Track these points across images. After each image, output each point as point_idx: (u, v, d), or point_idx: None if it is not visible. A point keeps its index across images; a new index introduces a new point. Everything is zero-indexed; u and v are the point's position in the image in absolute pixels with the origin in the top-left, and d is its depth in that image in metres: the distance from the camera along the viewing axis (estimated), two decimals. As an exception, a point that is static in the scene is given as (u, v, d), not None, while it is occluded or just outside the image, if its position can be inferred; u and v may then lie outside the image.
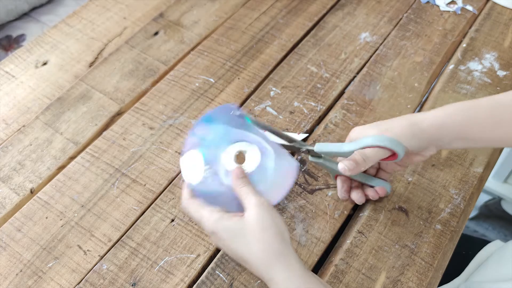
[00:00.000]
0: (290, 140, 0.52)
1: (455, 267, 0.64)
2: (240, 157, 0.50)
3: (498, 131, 0.47)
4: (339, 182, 0.53)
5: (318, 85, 0.67)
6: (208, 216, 0.44)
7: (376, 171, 0.54)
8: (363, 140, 0.47)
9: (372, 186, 0.53)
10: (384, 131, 0.47)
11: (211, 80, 0.68)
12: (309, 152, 0.51)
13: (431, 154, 0.50)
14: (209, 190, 0.47)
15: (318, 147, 0.49)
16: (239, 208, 0.46)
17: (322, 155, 0.51)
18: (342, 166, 0.47)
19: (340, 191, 0.53)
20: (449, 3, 0.78)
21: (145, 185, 0.57)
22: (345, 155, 0.48)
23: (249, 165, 0.49)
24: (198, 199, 0.46)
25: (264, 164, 0.49)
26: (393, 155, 0.47)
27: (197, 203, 0.46)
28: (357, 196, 0.52)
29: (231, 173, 0.47)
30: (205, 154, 0.48)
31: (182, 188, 0.48)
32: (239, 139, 0.50)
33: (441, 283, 0.62)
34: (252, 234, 0.42)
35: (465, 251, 0.66)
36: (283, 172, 0.48)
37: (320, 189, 0.56)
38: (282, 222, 0.44)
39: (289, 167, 0.48)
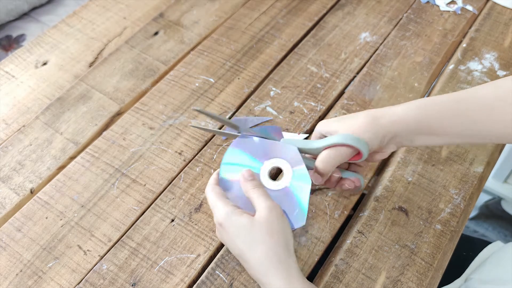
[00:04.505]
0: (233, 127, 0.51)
1: (456, 269, 0.64)
2: (273, 173, 0.51)
3: (458, 125, 0.45)
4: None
5: (318, 85, 0.67)
6: (221, 207, 0.45)
7: (348, 165, 0.53)
8: (329, 138, 0.47)
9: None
10: (348, 127, 0.46)
11: (211, 80, 0.68)
12: None
13: (391, 152, 0.50)
14: (234, 191, 0.49)
15: (285, 141, 0.50)
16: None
17: None
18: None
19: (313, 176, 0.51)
20: (449, 3, 0.78)
21: (145, 185, 0.57)
22: (311, 151, 0.49)
23: (281, 183, 0.49)
24: (220, 188, 0.48)
25: (293, 184, 0.50)
26: (358, 154, 0.48)
27: (218, 191, 0.47)
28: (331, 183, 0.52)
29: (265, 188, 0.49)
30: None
31: (213, 174, 0.50)
32: (277, 155, 0.50)
33: (442, 284, 0.62)
34: (258, 236, 0.43)
35: (466, 252, 0.66)
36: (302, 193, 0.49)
37: (320, 189, 0.56)
38: (289, 231, 0.45)
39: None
